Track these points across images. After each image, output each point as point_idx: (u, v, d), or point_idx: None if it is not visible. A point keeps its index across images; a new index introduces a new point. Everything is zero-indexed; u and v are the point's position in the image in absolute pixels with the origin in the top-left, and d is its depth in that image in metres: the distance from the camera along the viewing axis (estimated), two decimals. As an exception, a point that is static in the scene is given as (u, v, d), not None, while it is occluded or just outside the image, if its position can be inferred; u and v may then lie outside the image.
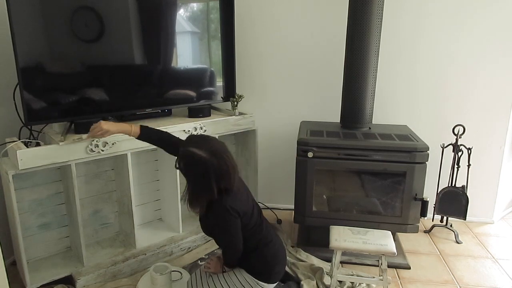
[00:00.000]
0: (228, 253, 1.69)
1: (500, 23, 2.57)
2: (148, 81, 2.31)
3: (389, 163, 2.23)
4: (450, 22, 2.62)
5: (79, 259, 2.13)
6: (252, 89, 2.92)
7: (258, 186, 2.91)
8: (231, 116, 2.56)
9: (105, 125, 1.79)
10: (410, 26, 2.67)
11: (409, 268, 2.32)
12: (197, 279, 1.79)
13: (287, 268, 2.18)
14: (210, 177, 1.50)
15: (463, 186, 2.61)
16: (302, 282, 2.09)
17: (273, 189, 3.09)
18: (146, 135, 1.80)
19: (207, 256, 2.37)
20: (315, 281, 2.11)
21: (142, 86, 2.29)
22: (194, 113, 2.47)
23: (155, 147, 2.23)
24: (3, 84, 2.11)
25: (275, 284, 1.76)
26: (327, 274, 2.15)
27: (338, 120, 2.62)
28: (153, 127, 1.85)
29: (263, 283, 1.70)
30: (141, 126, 1.80)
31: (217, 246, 2.48)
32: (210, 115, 2.51)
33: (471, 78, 2.69)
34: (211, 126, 2.43)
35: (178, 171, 2.34)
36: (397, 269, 2.31)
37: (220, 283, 1.71)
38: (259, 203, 2.93)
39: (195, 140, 1.59)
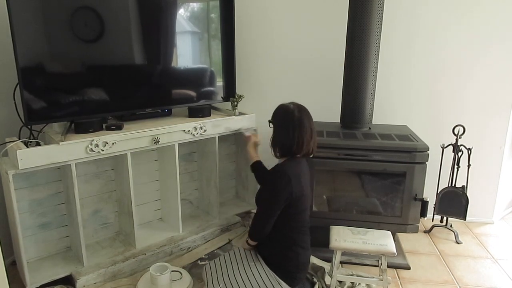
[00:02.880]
0: (257, 221, 1.75)
1: (500, 23, 2.57)
2: (148, 81, 2.31)
3: (389, 163, 2.23)
4: (450, 22, 2.62)
5: (79, 259, 2.13)
6: (252, 89, 2.92)
7: (258, 186, 2.91)
8: (231, 116, 2.56)
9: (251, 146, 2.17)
10: (410, 26, 2.67)
11: (409, 268, 2.32)
12: (216, 267, 1.79)
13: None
14: (289, 124, 1.71)
15: (463, 186, 2.61)
16: (314, 280, 2.09)
17: (273, 189, 3.08)
18: (255, 168, 2.11)
19: (207, 256, 2.37)
20: (318, 281, 2.11)
21: (142, 86, 2.29)
22: (194, 113, 2.46)
23: (156, 147, 2.24)
24: (3, 84, 2.11)
25: None
26: (327, 274, 2.15)
27: (338, 120, 2.61)
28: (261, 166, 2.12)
29: (284, 284, 1.69)
30: (257, 161, 2.11)
31: (217, 246, 2.48)
32: (210, 115, 2.51)
33: (471, 78, 2.69)
34: (211, 126, 2.43)
35: (178, 170, 2.35)
36: (397, 269, 2.31)
37: (240, 274, 1.70)
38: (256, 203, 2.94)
39: (291, 102, 1.83)
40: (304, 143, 1.72)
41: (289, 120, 1.73)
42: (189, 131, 2.34)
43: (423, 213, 2.27)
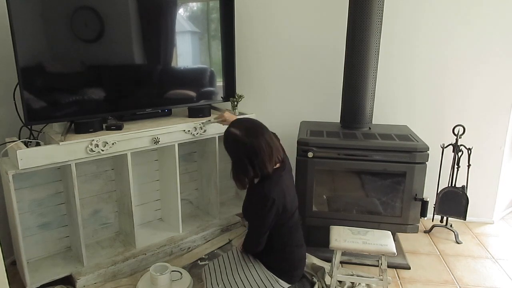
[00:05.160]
0: (250, 238, 1.72)
1: (500, 23, 2.57)
2: (148, 81, 2.31)
3: (389, 163, 2.23)
4: (450, 22, 2.62)
5: (79, 259, 2.13)
6: (252, 89, 2.92)
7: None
8: (231, 116, 2.56)
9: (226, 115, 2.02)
10: (411, 26, 2.67)
11: (409, 268, 2.32)
12: (215, 267, 1.79)
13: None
14: (242, 155, 1.60)
15: (463, 186, 2.61)
16: (314, 279, 2.09)
17: (273, 189, 3.08)
18: None
19: (207, 256, 2.37)
20: (318, 281, 2.11)
21: (142, 86, 2.29)
22: (194, 113, 2.46)
23: (156, 147, 2.24)
24: (3, 84, 2.11)
25: (291, 285, 1.77)
26: (327, 274, 2.15)
27: (338, 120, 2.62)
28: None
29: (283, 282, 1.71)
30: None
31: (217, 246, 2.48)
32: (210, 115, 2.51)
33: (471, 78, 2.69)
34: (211, 126, 2.43)
35: (178, 170, 2.35)
36: (397, 269, 2.31)
37: (239, 274, 1.71)
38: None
39: (237, 121, 1.72)
40: (268, 163, 1.61)
41: (241, 151, 1.59)
42: (189, 131, 2.34)
43: (423, 213, 2.27)
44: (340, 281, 2.10)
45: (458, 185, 2.63)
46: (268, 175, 1.63)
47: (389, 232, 2.02)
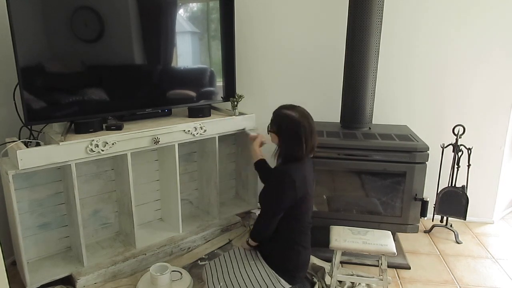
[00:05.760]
0: (261, 219, 1.74)
1: (500, 23, 2.57)
2: (148, 81, 2.31)
3: (389, 163, 2.23)
4: (450, 22, 2.62)
5: (79, 259, 2.13)
6: (252, 89, 2.92)
7: (258, 186, 2.92)
8: (231, 116, 2.56)
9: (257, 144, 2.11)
10: (410, 26, 2.67)
11: (409, 268, 2.32)
12: (216, 266, 1.79)
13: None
14: (301, 134, 1.69)
15: (463, 186, 2.61)
16: (314, 279, 2.09)
17: (273, 189, 3.08)
18: (259, 166, 2.05)
19: (207, 256, 2.37)
20: (318, 281, 2.11)
21: (142, 86, 2.29)
22: (194, 113, 2.46)
23: (156, 147, 2.24)
24: (3, 84, 2.11)
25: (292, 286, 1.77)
26: (327, 274, 2.15)
27: (338, 120, 2.61)
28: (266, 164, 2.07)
29: (284, 282, 1.70)
30: (261, 159, 2.06)
31: (217, 246, 2.48)
32: (210, 115, 2.51)
33: (471, 78, 2.69)
34: (211, 126, 2.43)
35: (178, 170, 2.35)
36: (397, 269, 2.31)
37: (240, 273, 1.71)
38: (259, 203, 2.94)
39: (286, 106, 1.80)
40: (313, 148, 1.74)
41: (300, 133, 1.69)
42: (189, 131, 2.34)
43: (423, 213, 2.27)
44: (340, 281, 2.10)
45: (458, 185, 2.63)
46: (299, 158, 1.72)
47: (389, 232, 2.02)
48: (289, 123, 1.72)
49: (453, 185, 2.64)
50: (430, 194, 2.59)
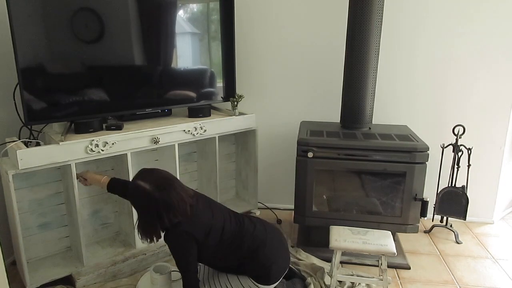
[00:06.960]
0: (186, 279, 1.63)
1: (501, 23, 2.57)
2: (148, 81, 2.31)
3: (389, 163, 2.23)
4: (450, 22, 2.62)
5: (79, 259, 2.13)
6: (252, 89, 2.93)
7: (258, 186, 2.92)
8: (231, 116, 2.56)
9: (87, 174, 1.96)
10: (410, 26, 2.67)
11: (409, 268, 2.32)
12: (203, 270, 1.81)
13: (291, 265, 2.17)
14: (153, 209, 1.54)
15: (463, 186, 2.61)
16: (308, 280, 2.09)
17: (273, 189, 3.09)
18: (112, 188, 1.90)
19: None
20: (317, 281, 2.11)
21: (142, 87, 2.29)
22: (194, 113, 2.47)
23: (156, 147, 2.24)
24: (3, 84, 2.11)
25: (275, 284, 1.76)
26: (327, 274, 2.15)
27: (338, 120, 2.62)
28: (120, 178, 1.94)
29: (263, 286, 1.70)
30: (111, 179, 1.90)
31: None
32: (210, 115, 2.51)
33: (471, 78, 2.69)
34: (211, 126, 2.43)
35: (178, 170, 2.35)
36: (397, 269, 2.31)
37: (220, 283, 1.72)
38: (259, 203, 2.94)
39: (142, 173, 1.63)
40: (179, 215, 1.57)
41: (152, 206, 1.53)
42: (189, 131, 2.34)
43: (423, 213, 2.27)
44: (340, 281, 2.09)
45: (458, 185, 2.63)
46: (178, 223, 1.59)
47: (389, 232, 2.02)
48: (139, 196, 1.56)
49: (453, 185, 2.64)
50: (430, 194, 2.60)
